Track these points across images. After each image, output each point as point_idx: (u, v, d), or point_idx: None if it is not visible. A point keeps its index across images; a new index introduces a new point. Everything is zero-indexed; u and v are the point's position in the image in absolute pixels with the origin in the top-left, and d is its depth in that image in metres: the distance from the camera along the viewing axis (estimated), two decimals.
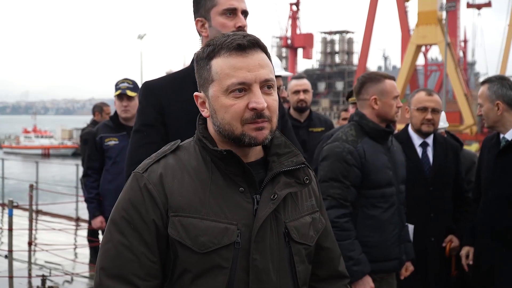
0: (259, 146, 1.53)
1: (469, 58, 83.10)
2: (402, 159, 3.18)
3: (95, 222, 4.69)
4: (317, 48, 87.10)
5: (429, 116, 3.48)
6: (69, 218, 9.92)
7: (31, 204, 6.30)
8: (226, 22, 2.20)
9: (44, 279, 5.56)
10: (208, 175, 1.46)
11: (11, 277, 5.26)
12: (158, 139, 2.16)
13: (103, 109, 6.82)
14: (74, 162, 11.68)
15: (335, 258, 1.69)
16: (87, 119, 7.31)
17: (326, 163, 2.99)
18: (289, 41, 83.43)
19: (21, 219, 8.46)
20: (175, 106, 2.18)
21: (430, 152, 3.56)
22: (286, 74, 4.32)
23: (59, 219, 9.76)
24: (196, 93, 1.53)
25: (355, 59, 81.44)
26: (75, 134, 61.31)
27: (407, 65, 46.85)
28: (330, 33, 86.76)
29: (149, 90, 2.25)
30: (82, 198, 5.39)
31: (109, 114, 6.77)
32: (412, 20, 63.93)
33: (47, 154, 55.30)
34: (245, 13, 2.25)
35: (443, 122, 4.25)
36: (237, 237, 1.42)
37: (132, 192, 1.46)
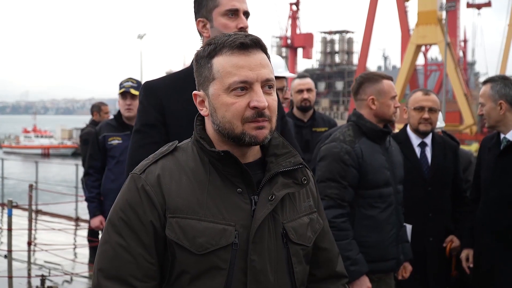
0: (257, 147, 1.53)
1: (469, 58, 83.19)
2: (400, 159, 3.19)
3: (95, 221, 4.68)
4: (317, 48, 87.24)
5: (426, 116, 3.50)
6: (69, 218, 9.92)
7: (31, 204, 6.30)
8: (228, 23, 2.20)
9: (44, 279, 5.56)
10: (206, 176, 1.46)
11: (11, 277, 5.26)
12: (159, 139, 2.15)
13: (101, 109, 6.82)
14: (74, 162, 11.70)
15: (333, 259, 1.69)
16: (87, 119, 7.31)
17: (324, 163, 3.00)
18: (289, 41, 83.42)
19: (21, 219, 8.47)
20: (176, 106, 2.18)
21: (429, 152, 3.57)
22: (291, 76, 4.32)
23: (59, 219, 9.76)
24: (195, 92, 1.52)
25: (355, 59, 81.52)
26: (75, 134, 61.33)
27: (407, 65, 46.87)
28: (330, 33, 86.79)
29: (150, 90, 2.24)
30: (82, 198, 5.40)
31: (108, 113, 6.77)
32: (412, 20, 64.01)
33: (47, 154, 55.30)
34: (247, 14, 2.25)
35: (440, 122, 4.26)
36: (235, 238, 1.42)
37: (130, 193, 1.46)
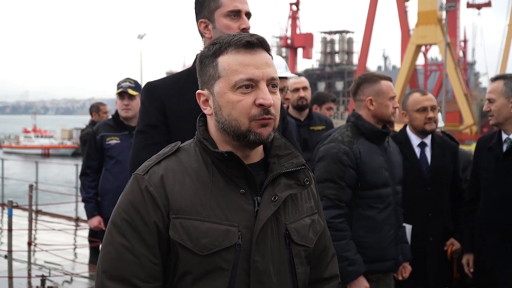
0: (260, 148, 1.53)
1: (469, 58, 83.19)
2: (399, 160, 3.19)
3: (93, 222, 4.65)
4: (317, 48, 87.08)
5: (431, 115, 3.51)
6: (69, 218, 9.92)
7: (31, 204, 6.30)
8: (231, 24, 2.20)
9: (44, 279, 5.56)
10: (209, 177, 1.46)
11: (11, 277, 5.26)
12: (161, 140, 2.15)
13: (100, 109, 6.82)
14: (74, 162, 11.70)
15: (326, 260, 1.69)
16: (87, 119, 7.31)
17: (322, 164, 3.01)
18: (289, 41, 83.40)
19: (21, 219, 8.47)
20: (178, 107, 2.18)
21: (428, 152, 3.57)
22: (292, 76, 4.32)
23: (59, 219, 9.76)
24: (199, 91, 1.53)
25: (355, 59, 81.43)
26: (75, 134, 61.31)
27: (407, 65, 46.90)
28: (330, 33, 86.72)
29: (152, 91, 2.24)
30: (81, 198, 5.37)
31: (106, 113, 6.76)
32: (412, 20, 64.05)
33: (47, 154, 55.29)
34: (248, 15, 2.26)
35: (440, 122, 4.26)
36: (238, 239, 1.42)
37: (133, 194, 1.46)
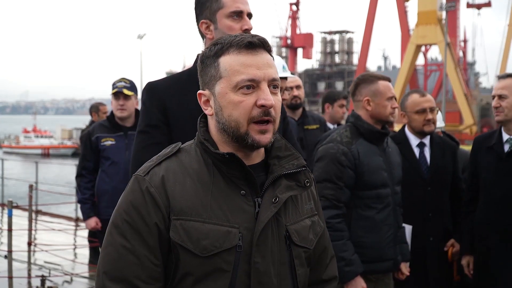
0: (261, 149, 1.53)
1: (469, 58, 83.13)
2: (398, 160, 3.20)
3: (90, 223, 4.64)
4: (317, 48, 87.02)
5: (430, 116, 3.50)
6: (69, 218, 9.92)
7: (31, 205, 6.31)
8: (233, 25, 2.21)
9: (44, 279, 5.56)
10: (210, 178, 1.46)
11: (11, 278, 5.26)
12: (163, 140, 2.15)
13: (99, 109, 6.81)
14: (74, 162, 11.68)
15: (326, 262, 1.69)
16: (87, 119, 7.31)
17: (321, 164, 3.01)
18: (289, 41, 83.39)
19: (21, 219, 8.47)
20: (179, 107, 2.18)
21: (428, 152, 3.57)
22: (290, 76, 4.31)
23: (59, 219, 9.76)
24: (200, 91, 1.52)
25: (355, 59, 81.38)
26: (75, 134, 61.28)
27: (407, 65, 46.88)
28: (330, 33, 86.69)
29: (153, 91, 2.24)
30: None
31: (106, 113, 6.76)
32: (412, 20, 64.03)
33: (47, 154, 55.28)
34: (250, 16, 2.26)
35: (440, 122, 4.26)
36: (239, 241, 1.42)
37: (134, 195, 1.45)
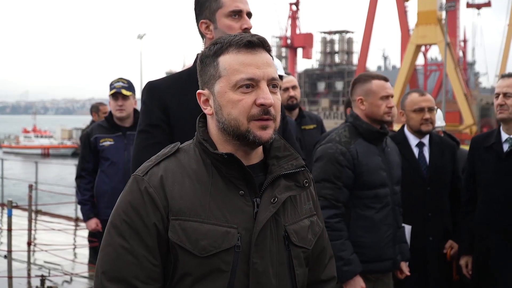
0: (260, 149, 1.53)
1: (469, 58, 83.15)
2: (397, 160, 3.20)
3: (90, 224, 4.64)
4: (317, 48, 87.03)
5: (427, 116, 3.51)
6: (69, 218, 9.92)
7: (31, 204, 6.30)
8: (232, 24, 2.21)
9: (43, 279, 5.55)
10: (209, 178, 1.46)
11: (10, 277, 5.26)
12: (163, 139, 2.15)
13: (99, 109, 6.80)
14: (74, 162, 11.67)
15: (324, 262, 1.69)
16: (87, 119, 7.30)
17: (319, 164, 3.02)
18: (289, 41, 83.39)
19: (21, 219, 8.47)
20: (180, 106, 2.18)
21: (427, 152, 3.57)
22: (285, 75, 4.32)
23: (59, 219, 9.75)
24: (200, 91, 1.52)
25: (355, 59, 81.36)
26: (75, 134, 61.29)
27: (407, 65, 46.88)
28: (330, 33, 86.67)
29: (153, 91, 2.24)
30: None
31: (106, 113, 6.76)
32: (412, 20, 64.12)
33: (47, 154, 55.28)
34: (249, 15, 2.26)
35: (441, 121, 4.26)
36: (238, 241, 1.42)
37: (132, 195, 1.45)
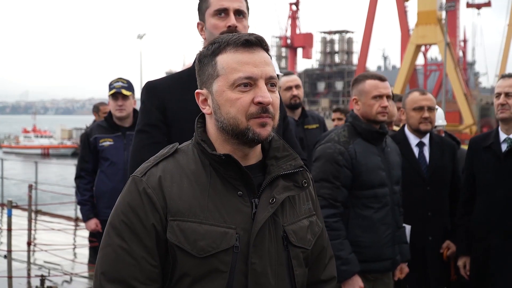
0: (259, 149, 1.53)
1: (469, 58, 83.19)
2: (398, 160, 3.20)
3: (90, 225, 4.63)
4: (317, 48, 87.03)
5: (426, 115, 3.52)
6: (68, 218, 9.92)
7: (30, 204, 6.30)
8: (218, 23, 2.19)
9: (43, 279, 5.55)
10: (207, 179, 1.46)
11: (10, 277, 5.26)
12: (161, 139, 2.15)
13: (100, 109, 6.79)
14: (74, 162, 11.67)
15: (324, 262, 1.69)
16: (87, 119, 7.31)
17: (318, 164, 3.03)
18: (289, 41, 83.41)
19: (20, 219, 8.47)
20: (179, 106, 2.18)
21: (427, 152, 3.58)
22: (282, 74, 4.32)
23: (58, 219, 9.76)
24: (198, 90, 1.53)
25: (355, 59, 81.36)
26: (75, 134, 61.29)
27: (407, 65, 46.90)
28: (330, 33, 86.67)
29: (152, 90, 2.24)
30: None
31: (106, 113, 6.75)
32: (412, 20, 64.10)
33: (47, 154, 55.26)
34: (240, 13, 2.22)
35: (442, 120, 4.27)
36: (236, 241, 1.42)
37: (131, 196, 1.45)
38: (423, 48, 63.10)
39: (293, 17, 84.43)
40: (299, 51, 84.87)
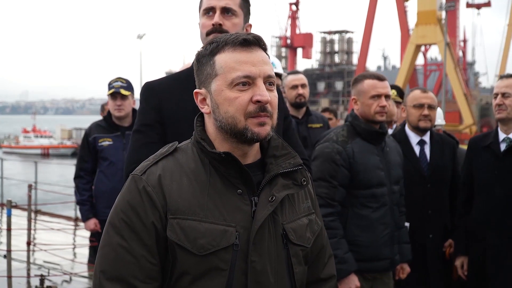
0: (257, 147, 1.54)
1: (469, 58, 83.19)
2: (398, 160, 3.20)
3: (89, 225, 4.63)
4: (317, 48, 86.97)
5: (426, 112, 3.53)
6: (68, 218, 9.92)
7: (30, 204, 6.30)
8: (205, 22, 2.21)
9: (43, 279, 5.55)
10: (206, 177, 1.47)
11: (10, 277, 5.26)
12: (157, 139, 2.15)
13: (105, 108, 6.80)
14: (73, 162, 11.67)
15: (323, 260, 1.70)
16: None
17: (316, 163, 3.04)
18: (289, 41, 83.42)
19: (20, 219, 8.46)
20: (177, 107, 2.18)
21: (427, 150, 3.59)
22: (284, 74, 4.32)
23: (58, 219, 9.76)
24: (197, 90, 1.53)
25: (355, 59, 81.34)
26: (75, 134, 61.34)
27: (407, 65, 46.94)
28: (330, 33, 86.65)
29: (150, 91, 2.24)
30: None
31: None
32: (412, 20, 64.11)
33: (47, 154, 55.27)
34: (229, 11, 2.20)
35: (441, 120, 4.28)
36: (236, 239, 1.43)
37: (131, 195, 1.45)
38: (423, 48, 63.12)
39: (293, 17, 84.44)
40: (299, 51, 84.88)
